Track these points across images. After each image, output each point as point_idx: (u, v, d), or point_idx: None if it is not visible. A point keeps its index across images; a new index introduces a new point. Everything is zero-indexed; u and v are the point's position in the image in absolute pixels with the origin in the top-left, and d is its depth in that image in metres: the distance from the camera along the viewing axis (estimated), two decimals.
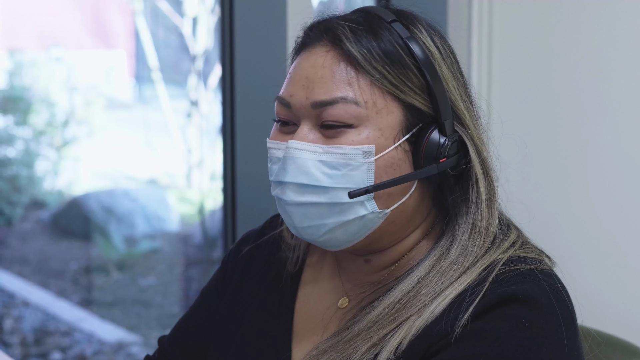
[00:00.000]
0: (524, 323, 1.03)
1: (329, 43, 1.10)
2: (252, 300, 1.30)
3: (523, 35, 2.40)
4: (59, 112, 5.07)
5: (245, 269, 1.35)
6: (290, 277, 1.27)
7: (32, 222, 4.87)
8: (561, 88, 2.33)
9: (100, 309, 4.36)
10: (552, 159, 2.37)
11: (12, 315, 4.14)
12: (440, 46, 1.13)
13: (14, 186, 4.69)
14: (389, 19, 1.11)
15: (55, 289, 4.42)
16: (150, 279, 4.73)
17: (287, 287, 1.27)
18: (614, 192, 2.27)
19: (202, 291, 1.40)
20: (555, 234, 2.35)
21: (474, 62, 2.43)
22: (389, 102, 1.08)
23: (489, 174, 1.14)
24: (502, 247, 1.12)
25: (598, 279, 2.29)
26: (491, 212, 1.12)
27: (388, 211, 1.10)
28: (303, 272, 1.28)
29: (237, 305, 1.31)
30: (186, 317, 1.39)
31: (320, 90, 1.08)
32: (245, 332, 1.27)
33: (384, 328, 1.08)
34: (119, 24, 5.68)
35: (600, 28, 2.25)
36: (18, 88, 4.95)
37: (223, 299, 1.34)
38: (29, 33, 5.23)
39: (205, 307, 1.37)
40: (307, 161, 1.06)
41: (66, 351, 3.89)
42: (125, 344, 4.06)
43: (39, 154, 4.93)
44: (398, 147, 1.09)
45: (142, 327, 4.26)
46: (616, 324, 1.95)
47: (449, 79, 1.11)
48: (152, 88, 5.51)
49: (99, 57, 5.57)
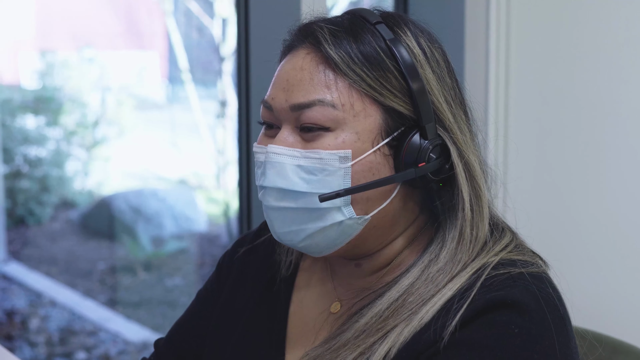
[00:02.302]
0: (514, 329, 1.01)
1: (310, 46, 1.09)
2: (246, 303, 1.29)
3: (541, 36, 2.36)
4: (89, 112, 5.11)
5: (240, 271, 1.34)
6: (284, 281, 1.27)
7: (61, 222, 4.91)
8: (579, 89, 2.30)
9: (126, 309, 4.39)
10: (569, 160, 2.33)
11: (39, 315, 4.18)
12: (426, 48, 1.10)
13: (44, 186, 4.74)
14: (374, 21, 1.10)
15: (82, 288, 4.46)
16: (177, 279, 4.75)
17: (281, 291, 1.26)
18: (634, 194, 2.23)
19: (198, 294, 1.39)
20: (574, 235, 2.33)
21: (492, 63, 2.41)
22: (367, 105, 1.06)
23: (474, 179, 1.10)
24: (493, 251, 1.10)
25: (619, 282, 2.26)
26: (479, 217, 1.09)
27: (368, 217, 1.08)
28: (297, 276, 1.27)
29: (231, 309, 1.30)
30: (181, 320, 1.38)
31: (299, 93, 1.07)
32: (240, 336, 1.26)
33: (371, 337, 1.06)
34: (152, 25, 5.72)
35: (618, 28, 2.22)
36: (49, 88, 5.00)
37: (217, 302, 1.33)
38: (62, 34, 5.27)
39: (200, 311, 1.36)
40: (286, 166, 1.06)
41: (91, 351, 3.92)
42: (150, 344, 4.05)
43: (70, 154, 4.97)
44: (377, 151, 1.07)
45: (167, 327, 4.24)
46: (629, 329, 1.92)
47: (433, 82, 1.09)
48: (183, 89, 5.54)
49: (131, 58, 5.61)
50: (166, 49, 5.65)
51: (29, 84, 5.07)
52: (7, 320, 4.04)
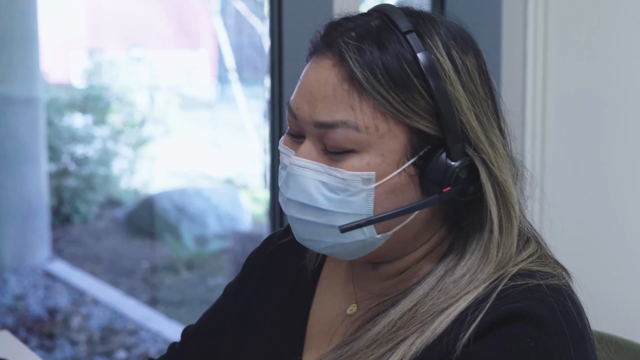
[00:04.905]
0: (529, 343, 0.97)
1: (334, 57, 1.05)
2: (269, 300, 1.28)
3: (579, 38, 2.31)
4: (136, 111, 5.16)
5: (266, 269, 1.34)
6: (308, 279, 1.26)
7: (106, 221, 4.96)
8: (618, 93, 2.24)
9: (168, 308, 4.41)
10: (608, 166, 2.28)
11: (81, 313, 4.22)
12: (457, 60, 1.05)
13: (90, 184, 4.78)
14: (405, 30, 1.06)
15: (125, 287, 4.49)
16: (219, 279, 4.76)
17: (304, 290, 1.25)
18: None
19: (225, 288, 1.40)
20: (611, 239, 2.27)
21: (529, 65, 2.36)
22: (392, 127, 1.02)
23: (506, 199, 1.05)
24: (513, 261, 1.06)
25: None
26: (508, 238, 1.06)
27: (389, 234, 1.05)
28: (320, 276, 1.26)
29: (253, 305, 1.30)
30: (208, 313, 1.40)
31: (323, 111, 1.04)
32: (259, 332, 1.25)
33: (382, 347, 1.04)
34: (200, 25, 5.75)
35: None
36: (97, 87, 5.05)
37: (240, 298, 1.33)
38: (112, 34, 5.33)
39: (225, 305, 1.37)
40: (308, 180, 1.04)
41: (131, 350, 3.94)
42: None
43: (116, 153, 5.01)
44: (402, 172, 1.03)
45: None
46: None
47: (462, 99, 1.04)
48: (231, 88, 5.56)
49: (180, 58, 5.65)
50: (215, 49, 5.68)
51: (78, 83, 5.13)
52: (49, 318, 4.08)
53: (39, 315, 4.07)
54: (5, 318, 3.97)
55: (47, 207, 4.39)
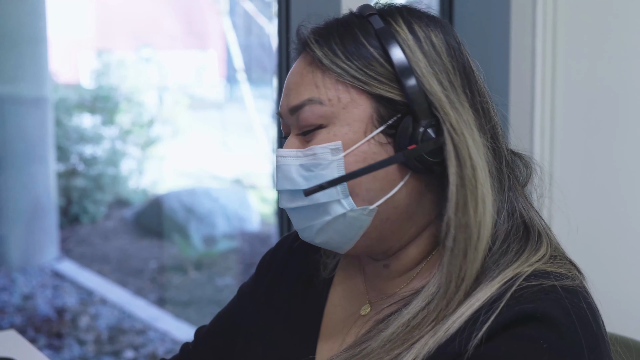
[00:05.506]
0: (542, 344, 0.95)
1: (303, 50, 1.11)
2: (283, 300, 1.29)
3: (587, 35, 2.31)
4: (144, 111, 5.16)
5: (280, 269, 1.34)
6: (322, 280, 1.26)
7: (115, 221, 4.96)
8: (627, 89, 2.23)
9: (176, 308, 4.41)
10: (617, 163, 2.27)
11: (89, 313, 4.21)
12: (419, 32, 1.07)
13: (99, 185, 4.79)
14: (367, 14, 1.09)
15: (133, 287, 4.49)
16: (227, 279, 4.76)
17: (318, 291, 1.25)
18: None
19: (239, 289, 1.40)
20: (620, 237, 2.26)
21: (538, 63, 2.36)
22: (354, 96, 1.05)
23: (471, 160, 1.04)
24: (528, 261, 1.05)
25: None
26: (464, 213, 1.02)
27: (373, 207, 1.05)
28: (335, 276, 1.26)
29: (268, 306, 1.30)
30: (221, 313, 1.41)
31: (293, 96, 1.09)
32: (274, 332, 1.26)
33: (396, 349, 1.03)
34: (209, 26, 5.76)
35: None
36: (106, 88, 5.05)
37: (255, 298, 1.34)
38: (121, 35, 5.34)
39: (239, 305, 1.38)
40: (290, 167, 1.08)
41: (139, 349, 3.94)
42: None
43: (125, 153, 5.02)
44: (371, 140, 1.04)
45: None
46: None
47: (422, 64, 1.05)
48: (240, 88, 5.56)
49: (189, 58, 5.65)
50: (224, 49, 5.68)
51: (86, 83, 5.14)
52: (58, 317, 4.08)
53: (47, 314, 4.07)
54: (13, 317, 3.97)
55: (56, 207, 4.40)
